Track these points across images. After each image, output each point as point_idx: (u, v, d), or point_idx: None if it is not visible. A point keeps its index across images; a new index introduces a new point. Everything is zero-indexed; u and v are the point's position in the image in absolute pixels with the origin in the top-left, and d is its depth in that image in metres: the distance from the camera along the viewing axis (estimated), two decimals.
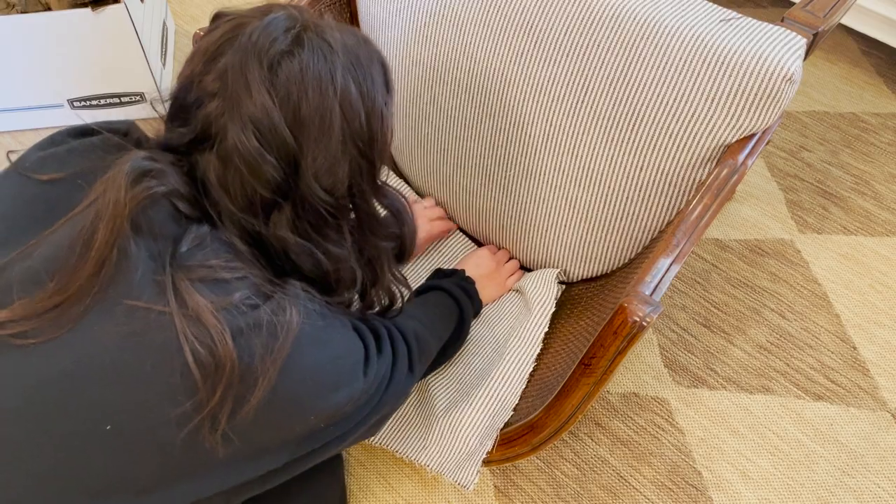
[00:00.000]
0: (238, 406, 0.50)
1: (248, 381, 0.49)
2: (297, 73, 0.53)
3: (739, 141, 0.77)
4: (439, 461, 0.86)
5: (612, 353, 0.67)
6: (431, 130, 1.02)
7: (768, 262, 1.27)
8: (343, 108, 0.55)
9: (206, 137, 0.54)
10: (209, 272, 0.51)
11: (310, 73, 0.53)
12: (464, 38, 0.91)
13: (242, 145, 0.52)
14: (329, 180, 0.56)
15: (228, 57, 0.53)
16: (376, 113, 0.58)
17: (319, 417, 0.55)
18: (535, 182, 0.94)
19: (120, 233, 0.50)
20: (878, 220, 1.34)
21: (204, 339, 0.48)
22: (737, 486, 1.02)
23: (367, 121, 0.58)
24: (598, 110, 0.83)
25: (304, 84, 0.53)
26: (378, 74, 0.59)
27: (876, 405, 1.10)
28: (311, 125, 0.54)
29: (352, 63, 0.56)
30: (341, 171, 0.57)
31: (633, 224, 0.89)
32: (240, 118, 0.52)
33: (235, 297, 0.51)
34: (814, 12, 0.79)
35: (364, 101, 0.57)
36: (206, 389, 0.48)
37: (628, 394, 1.11)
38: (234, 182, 0.54)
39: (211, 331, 0.48)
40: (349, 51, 0.57)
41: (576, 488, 1.01)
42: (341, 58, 0.55)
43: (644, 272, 0.68)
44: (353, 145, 0.57)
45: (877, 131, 1.49)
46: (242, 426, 0.51)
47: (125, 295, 0.49)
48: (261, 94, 0.52)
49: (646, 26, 0.78)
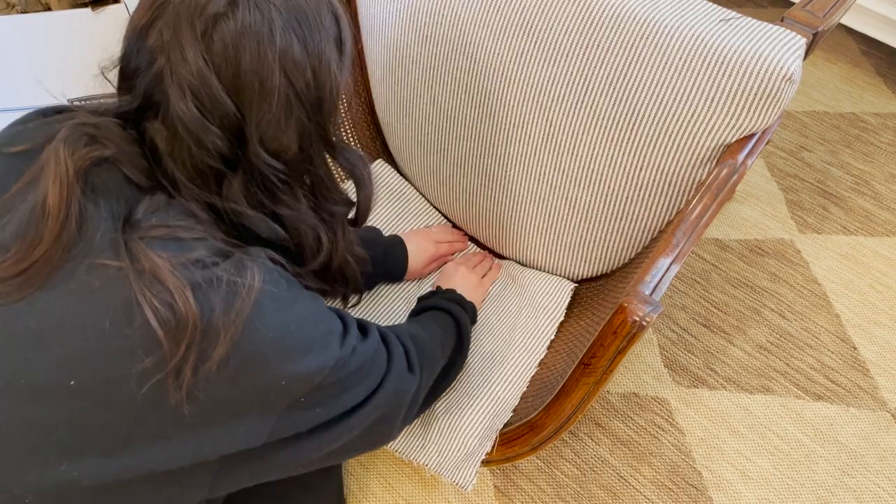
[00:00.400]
0: (201, 361, 0.49)
1: (210, 337, 0.49)
2: (234, 35, 0.50)
3: (739, 141, 0.77)
4: (438, 461, 0.86)
5: (612, 353, 0.67)
6: (431, 130, 1.02)
7: (768, 262, 1.27)
8: (285, 68, 0.52)
9: (150, 105, 0.53)
10: (167, 231, 0.51)
11: (247, 33, 0.51)
12: (464, 38, 0.91)
13: (184, 114, 0.51)
14: (275, 145, 0.55)
15: (163, 20, 0.51)
16: (323, 72, 0.55)
17: (294, 383, 0.54)
18: (535, 182, 0.94)
19: (71, 194, 0.50)
20: (878, 220, 1.34)
21: (163, 296, 0.48)
22: (737, 486, 1.02)
23: (314, 79, 0.55)
24: (597, 110, 0.83)
25: (240, 46, 0.51)
26: (329, 28, 0.56)
27: (876, 405, 1.10)
28: (250, 89, 0.52)
29: (296, 18, 0.53)
30: (288, 134, 0.55)
31: (633, 224, 0.89)
32: (178, 86, 0.50)
33: (192, 254, 0.51)
34: (813, 12, 0.79)
35: (310, 58, 0.54)
36: (169, 345, 0.48)
37: (628, 394, 1.11)
38: (181, 151, 0.52)
39: (170, 287, 0.48)
40: (292, 7, 0.53)
41: (576, 488, 1.01)
42: (283, 14, 0.52)
43: (644, 272, 0.68)
44: (299, 106, 0.55)
45: (877, 131, 1.49)
46: (207, 382, 0.50)
47: (87, 254, 0.49)
48: (197, 59, 0.50)
49: (646, 26, 0.78)
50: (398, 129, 1.08)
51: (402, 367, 0.67)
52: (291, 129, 0.55)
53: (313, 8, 0.55)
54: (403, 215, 1.12)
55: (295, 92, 0.54)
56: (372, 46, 1.05)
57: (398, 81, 1.02)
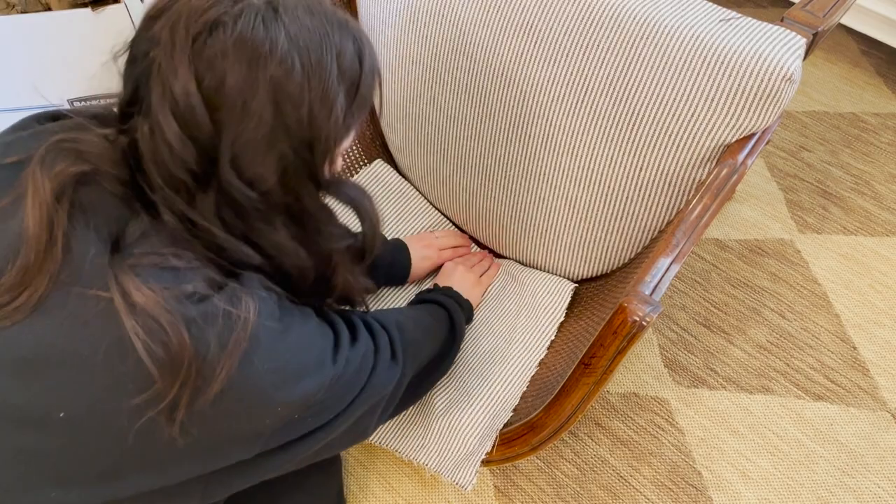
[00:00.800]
0: (196, 398, 0.48)
1: (205, 374, 0.48)
2: (226, 46, 0.47)
3: (739, 141, 0.77)
4: (438, 461, 0.86)
5: (612, 353, 0.67)
6: (431, 130, 1.02)
7: (768, 262, 1.27)
8: (276, 95, 0.48)
9: (136, 99, 0.51)
10: (159, 259, 0.49)
11: (241, 47, 0.47)
12: (464, 38, 0.91)
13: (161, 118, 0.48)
14: (250, 173, 0.50)
15: (168, 15, 0.48)
16: (324, 112, 0.50)
17: (289, 408, 0.54)
18: (535, 182, 0.94)
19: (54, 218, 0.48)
20: (878, 220, 1.34)
21: (157, 333, 0.46)
22: (737, 486, 1.02)
23: (310, 118, 0.50)
24: (597, 110, 0.83)
25: (229, 59, 0.47)
26: (347, 67, 0.51)
27: (876, 405, 1.10)
28: (231, 107, 0.48)
29: (308, 46, 0.49)
30: (266, 164, 0.50)
31: (633, 224, 0.89)
32: (161, 85, 0.48)
33: (187, 287, 0.48)
34: (813, 12, 0.79)
35: (311, 93, 0.49)
36: (163, 383, 0.47)
37: (628, 394, 1.11)
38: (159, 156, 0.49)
39: (164, 324, 0.46)
40: (309, 34, 0.49)
41: (576, 488, 1.01)
42: (293, 37, 0.48)
43: (644, 272, 0.68)
44: (285, 140, 0.50)
45: (877, 131, 1.49)
46: (201, 418, 0.49)
47: (77, 281, 0.48)
48: (182, 62, 0.47)
49: (645, 26, 0.78)
50: (398, 129, 1.08)
51: (387, 357, 0.66)
52: (271, 160, 0.51)
53: (335, 41, 0.51)
54: (403, 215, 1.12)
55: (283, 124, 0.49)
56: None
57: (398, 81, 1.02)
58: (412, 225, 1.11)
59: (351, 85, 0.53)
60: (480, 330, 0.98)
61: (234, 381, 0.49)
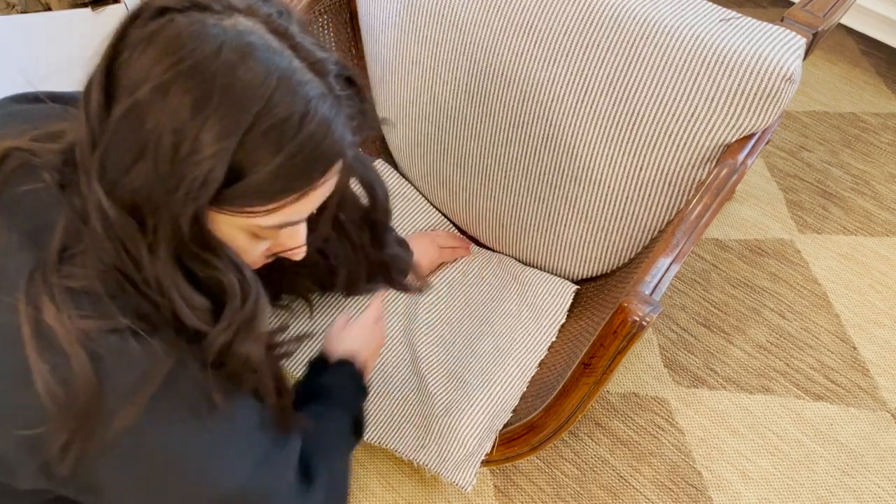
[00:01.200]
0: (87, 442, 0.45)
1: (102, 418, 0.45)
2: (138, 38, 0.45)
3: (739, 140, 0.77)
4: (437, 461, 0.86)
5: (612, 353, 0.67)
6: (431, 130, 1.02)
7: (768, 262, 1.27)
8: (159, 115, 0.44)
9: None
10: (84, 284, 0.46)
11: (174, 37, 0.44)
12: (464, 38, 0.91)
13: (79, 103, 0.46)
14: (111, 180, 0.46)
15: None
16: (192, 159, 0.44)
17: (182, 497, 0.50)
18: (536, 182, 0.94)
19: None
20: (878, 220, 1.34)
21: (61, 368, 0.44)
22: (737, 486, 1.02)
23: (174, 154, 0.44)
24: (598, 110, 0.83)
25: (127, 50, 0.45)
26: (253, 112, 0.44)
27: (876, 405, 1.10)
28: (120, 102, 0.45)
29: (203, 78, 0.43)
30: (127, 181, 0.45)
31: (633, 224, 0.89)
32: (87, 73, 0.46)
33: (108, 322, 0.45)
34: (813, 12, 0.80)
35: (188, 130, 0.44)
36: (57, 423, 0.44)
37: (628, 394, 1.11)
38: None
39: (71, 358, 0.44)
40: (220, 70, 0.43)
41: (576, 488, 1.01)
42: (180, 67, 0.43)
43: (644, 272, 0.68)
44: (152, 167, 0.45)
45: (877, 131, 1.49)
46: (85, 463, 0.46)
47: (2, 288, 0.46)
48: (105, 47, 0.46)
49: (645, 26, 0.78)
50: (398, 128, 1.08)
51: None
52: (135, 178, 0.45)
53: (252, 96, 0.44)
54: (403, 215, 1.12)
55: (155, 151, 0.44)
56: (372, 46, 1.05)
57: (398, 81, 1.02)
58: (412, 225, 1.11)
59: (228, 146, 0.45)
60: (481, 330, 0.98)
61: (132, 433, 0.46)
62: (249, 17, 0.47)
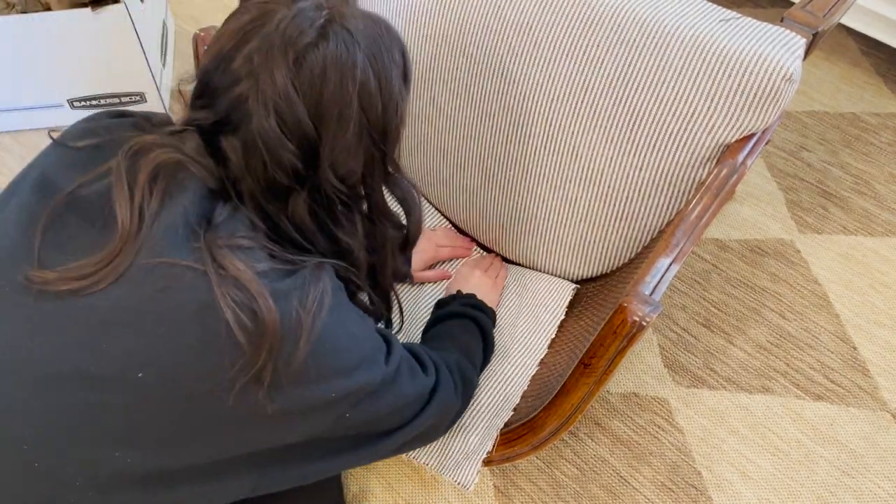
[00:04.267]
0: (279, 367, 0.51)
1: (288, 344, 0.52)
2: (321, 66, 0.54)
3: (739, 141, 0.77)
4: (438, 460, 0.86)
5: (612, 353, 0.67)
6: (431, 130, 1.02)
7: (768, 262, 1.27)
8: (361, 101, 0.57)
9: (228, 122, 0.56)
10: (247, 241, 0.54)
11: (332, 65, 0.55)
12: (464, 39, 0.91)
13: (265, 133, 0.54)
14: (343, 169, 0.59)
15: (255, 43, 0.54)
16: (392, 105, 0.60)
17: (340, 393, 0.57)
18: (535, 182, 0.94)
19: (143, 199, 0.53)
20: (878, 220, 1.34)
21: (246, 302, 0.50)
22: (737, 486, 1.02)
23: (383, 113, 0.59)
24: (598, 110, 0.83)
25: (325, 77, 0.55)
26: (397, 65, 0.61)
27: (876, 405, 1.10)
28: (329, 116, 0.56)
29: (374, 54, 0.57)
30: (356, 160, 0.59)
31: (633, 224, 0.89)
32: (264, 106, 0.54)
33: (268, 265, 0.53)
34: (813, 12, 0.80)
35: (382, 93, 0.58)
36: (250, 351, 0.50)
37: (628, 394, 1.11)
38: (254, 165, 0.55)
39: (254, 293, 0.50)
40: (371, 42, 0.58)
41: (576, 488, 1.01)
42: (363, 49, 0.57)
43: (644, 272, 0.68)
44: (367, 136, 0.59)
45: (877, 131, 1.49)
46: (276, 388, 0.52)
47: (165, 252, 0.51)
48: (286, 85, 0.53)
49: (645, 26, 0.78)
50: None
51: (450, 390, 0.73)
52: (360, 155, 0.59)
53: (387, 44, 0.59)
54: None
55: (367, 121, 0.58)
56: None
57: None
58: None
59: (402, 72, 0.62)
60: None
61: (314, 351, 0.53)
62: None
